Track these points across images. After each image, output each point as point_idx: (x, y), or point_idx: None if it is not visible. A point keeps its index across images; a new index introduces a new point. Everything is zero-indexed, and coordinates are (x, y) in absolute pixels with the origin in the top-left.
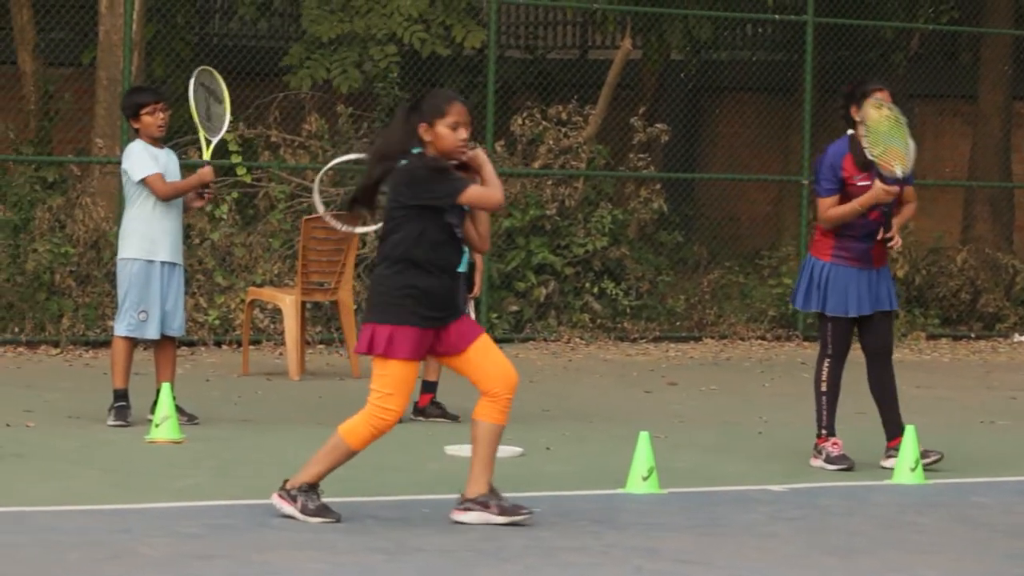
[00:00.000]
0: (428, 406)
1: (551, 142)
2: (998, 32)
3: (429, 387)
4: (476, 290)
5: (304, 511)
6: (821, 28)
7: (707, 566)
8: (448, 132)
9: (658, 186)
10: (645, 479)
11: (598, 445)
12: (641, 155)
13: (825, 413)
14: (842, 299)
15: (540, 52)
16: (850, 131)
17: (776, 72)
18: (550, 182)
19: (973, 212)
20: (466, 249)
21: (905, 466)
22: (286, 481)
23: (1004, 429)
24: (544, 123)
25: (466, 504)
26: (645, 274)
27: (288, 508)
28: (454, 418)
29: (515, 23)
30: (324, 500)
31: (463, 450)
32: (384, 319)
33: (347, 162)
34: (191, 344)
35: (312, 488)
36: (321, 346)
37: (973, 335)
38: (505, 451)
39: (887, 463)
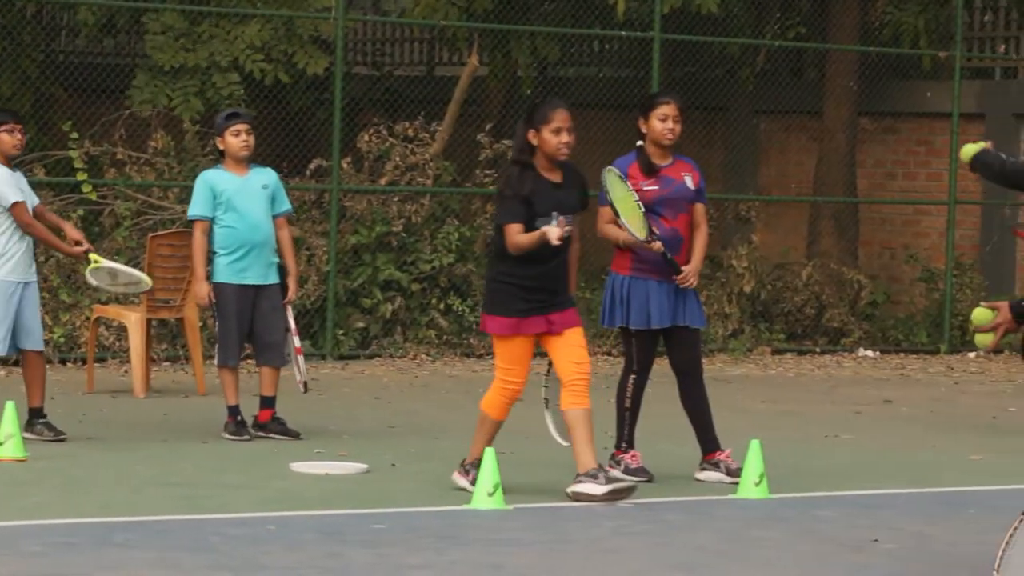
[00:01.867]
0: (269, 422)
1: (398, 158)
2: (843, 48)
3: (267, 402)
4: (291, 295)
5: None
6: (668, 44)
7: None
8: (551, 136)
9: None
10: (491, 495)
11: (444, 461)
12: (488, 171)
13: (627, 428)
14: (643, 312)
15: (387, 69)
16: (639, 142)
17: (624, 88)
18: (396, 199)
19: (818, 227)
20: (276, 257)
21: (750, 481)
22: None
23: (848, 443)
24: (391, 139)
25: (579, 478)
26: None
27: (463, 481)
28: (295, 435)
29: (362, 40)
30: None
31: (308, 467)
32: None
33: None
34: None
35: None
36: (167, 363)
37: (818, 350)
38: (350, 467)
39: (701, 475)
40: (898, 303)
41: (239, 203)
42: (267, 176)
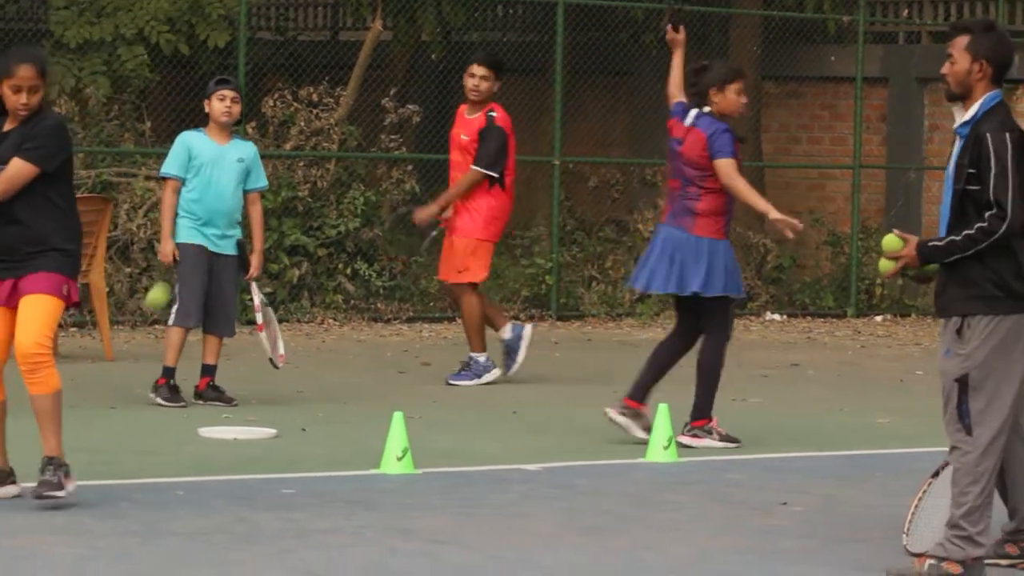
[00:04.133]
0: (206, 389)
1: (302, 123)
2: (747, 13)
3: (208, 370)
4: (253, 271)
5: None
6: (572, 8)
7: (461, 546)
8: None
9: (410, 167)
10: (399, 459)
11: (353, 426)
12: (393, 136)
13: (714, 395)
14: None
15: (291, 34)
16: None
17: (527, 53)
18: (302, 163)
19: None
20: (237, 231)
21: (658, 444)
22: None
23: (756, 407)
24: (295, 104)
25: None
26: (398, 255)
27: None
28: (230, 401)
29: (265, 4)
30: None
31: (217, 432)
32: None
33: None
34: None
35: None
36: (73, 329)
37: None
38: (259, 432)
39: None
40: (804, 267)
41: (210, 172)
42: (245, 150)
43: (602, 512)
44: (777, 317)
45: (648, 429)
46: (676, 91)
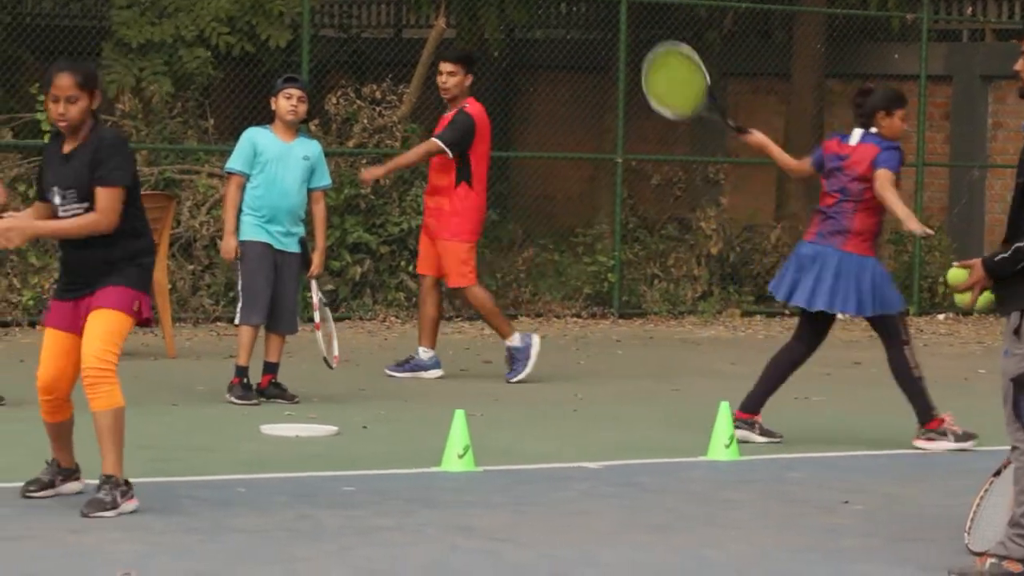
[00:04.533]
0: (268, 387)
1: (365, 121)
2: (811, 11)
3: (270, 368)
4: (315, 269)
5: None
6: (635, 6)
7: (521, 544)
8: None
9: None
10: (461, 457)
11: (414, 424)
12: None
13: (928, 396)
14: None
15: (354, 31)
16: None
17: (590, 51)
18: (365, 161)
19: (786, 190)
20: (301, 228)
21: (720, 443)
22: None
23: (818, 405)
24: (359, 102)
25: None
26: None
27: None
28: (292, 399)
29: (329, 2)
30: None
31: (279, 429)
32: None
33: None
34: (5, 325)
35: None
36: (136, 326)
37: (787, 312)
38: (320, 430)
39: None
40: None
41: (275, 169)
42: (311, 148)
43: (663, 510)
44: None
45: (766, 432)
46: (792, 163)
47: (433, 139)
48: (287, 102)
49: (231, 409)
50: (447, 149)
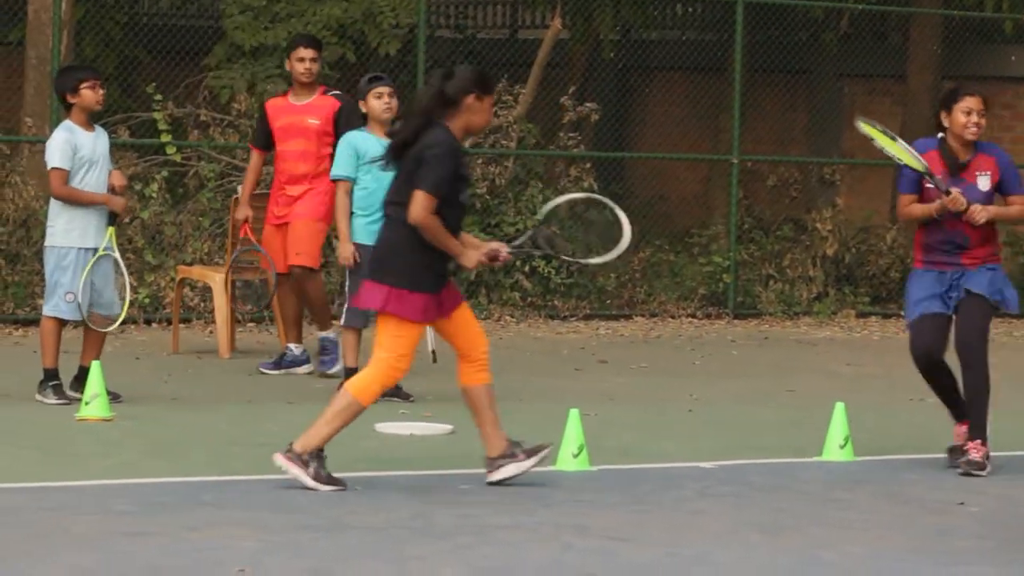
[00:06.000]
0: None
1: None
2: (927, 12)
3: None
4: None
5: (317, 478)
6: (751, 7)
7: (637, 543)
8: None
9: (588, 165)
10: (575, 456)
11: (529, 423)
12: (571, 134)
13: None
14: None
15: (470, 32)
16: (940, 135)
17: (706, 51)
18: (480, 161)
19: None
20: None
21: (834, 443)
22: (292, 444)
23: (933, 406)
24: None
25: (496, 463)
26: (576, 252)
27: (296, 471)
28: (407, 398)
29: (445, 2)
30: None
31: (393, 427)
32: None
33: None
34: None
35: (320, 453)
36: (251, 324)
37: (901, 314)
38: (435, 428)
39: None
40: None
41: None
42: None
43: (777, 510)
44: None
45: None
46: None
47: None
48: (379, 101)
49: None
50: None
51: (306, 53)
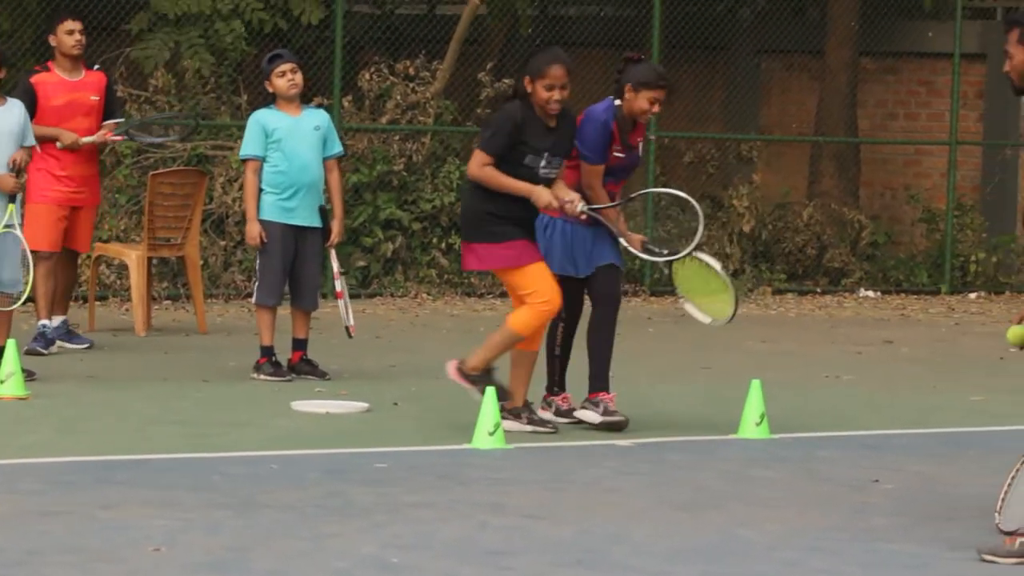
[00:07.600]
0: (299, 363)
1: (399, 97)
2: None
3: (299, 344)
4: (334, 238)
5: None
6: None
7: (554, 521)
8: (543, 91)
9: None
10: (491, 434)
11: (445, 401)
12: (488, 110)
13: (559, 373)
14: (569, 258)
15: (388, 7)
16: (617, 101)
17: (624, 27)
18: (397, 137)
19: (819, 167)
20: (320, 198)
21: (751, 421)
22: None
23: (849, 384)
24: (392, 78)
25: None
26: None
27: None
28: (323, 375)
29: None
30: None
31: (309, 405)
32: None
33: None
34: (35, 300)
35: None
36: (167, 302)
37: (819, 290)
38: (351, 406)
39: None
40: (899, 243)
41: (290, 144)
42: (319, 117)
43: (695, 488)
44: (871, 294)
45: None
46: None
47: None
48: (283, 79)
49: (262, 385)
50: None
51: (75, 25)
